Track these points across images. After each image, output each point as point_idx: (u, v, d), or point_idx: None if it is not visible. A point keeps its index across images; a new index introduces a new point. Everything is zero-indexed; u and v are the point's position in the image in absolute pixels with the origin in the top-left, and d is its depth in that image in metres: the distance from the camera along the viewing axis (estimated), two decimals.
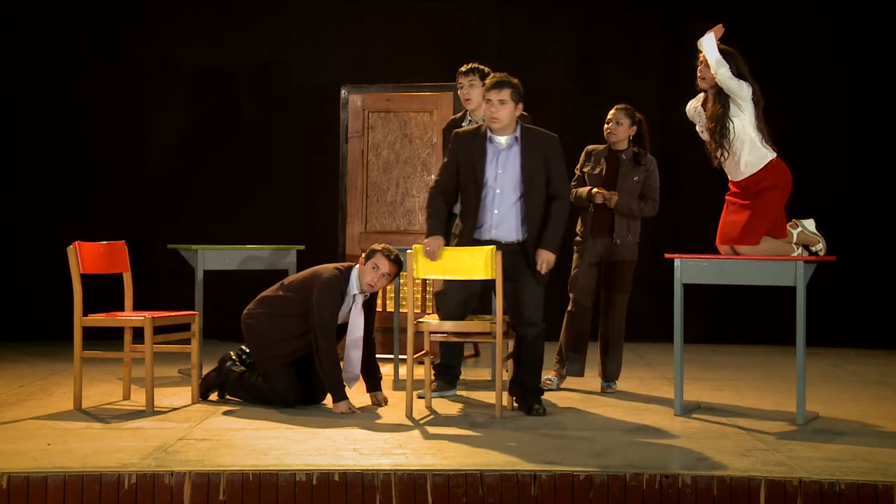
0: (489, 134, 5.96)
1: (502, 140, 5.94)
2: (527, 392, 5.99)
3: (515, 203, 5.94)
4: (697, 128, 6.08)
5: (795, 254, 5.98)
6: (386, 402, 6.21)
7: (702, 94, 6.04)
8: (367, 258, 6.04)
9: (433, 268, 5.94)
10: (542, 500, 4.46)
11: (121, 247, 6.44)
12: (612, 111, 6.82)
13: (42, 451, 4.84)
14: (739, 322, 9.75)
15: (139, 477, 4.45)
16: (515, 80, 5.93)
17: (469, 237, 5.98)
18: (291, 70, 9.87)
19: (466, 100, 6.72)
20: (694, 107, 6.07)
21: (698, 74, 5.97)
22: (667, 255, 6.00)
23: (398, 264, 6.05)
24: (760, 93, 5.93)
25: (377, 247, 6.06)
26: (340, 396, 5.94)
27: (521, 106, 5.92)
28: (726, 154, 5.88)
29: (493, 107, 5.87)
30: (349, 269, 6.11)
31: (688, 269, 5.91)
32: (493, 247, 5.82)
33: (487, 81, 5.97)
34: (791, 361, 6.16)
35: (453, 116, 6.96)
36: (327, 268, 6.13)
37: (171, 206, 9.84)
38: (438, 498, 4.46)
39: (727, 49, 5.91)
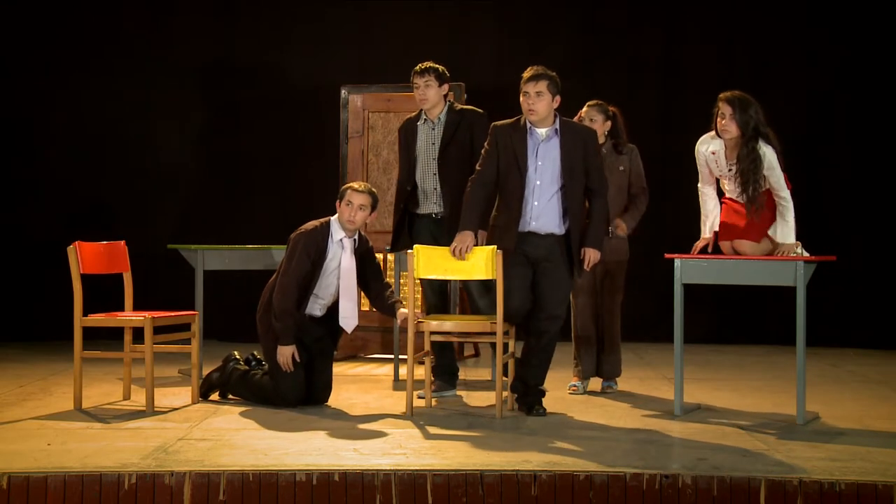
0: (528, 126, 5.96)
1: (542, 132, 5.94)
2: (529, 390, 5.98)
3: (555, 195, 5.92)
4: (714, 170, 6.04)
5: (795, 254, 5.98)
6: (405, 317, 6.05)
7: (717, 139, 5.99)
8: (340, 199, 6.14)
9: (433, 268, 5.94)
10: (542, 500, 4.46)
11: (121, 247, 6.44)
12: (583, 109, 6.74)
13: (42, 451, 4.84)
14: (739, 322, 9.75)
15: (139, 477, 4.45)
16: (553, 73, 5.96)
17: (510, 228, 5.92)
18: (291, 70, 9.87)
19: (422, 99, 6.60)
20: (712, 151, 6.02)
21: (719, 124, 5.93)
22: (667, 255, 6.00)
23: (370, 194, 6.13)
24: (777, 138, 5.93)
25: (346, 185, 6.19)
26: (287, 342, 5.99)
27: (558, 98, 5.93)
28: (756, 206, 5.91)
29: (530, 98, 5.89)
30: (328, 219, 6.20)
31: (688, 269, 5.91)
32: (493, 247, 5.83)
33: (525, 74, 5.94)
34: (791, 361, 6.15)
35: (409, 116, 6.83)
36: (308, 223, 6.21)
37: (171, 206, 9.84)
38: (438, 498, 4.46)
39: (746, 97, 5.89)
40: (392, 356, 7.59)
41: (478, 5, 9.92)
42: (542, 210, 5.91)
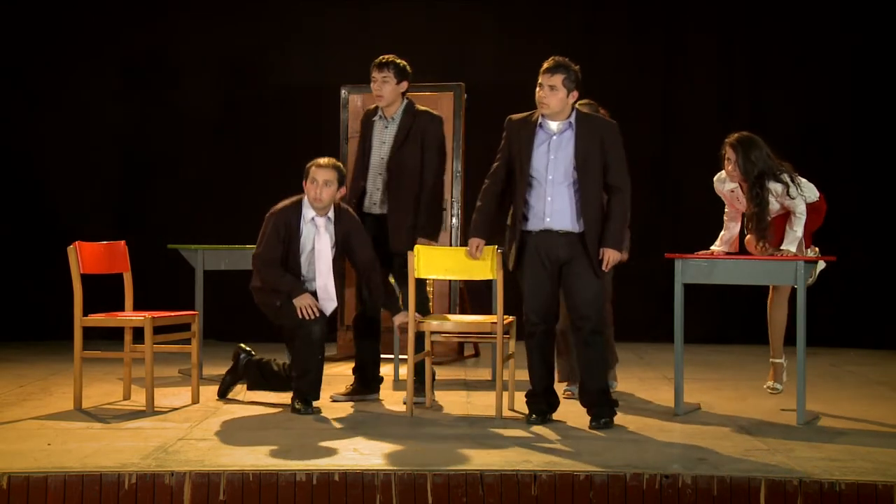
0: (540, 119, 5.66)
1: (554, 126, 5.59)
2: (594, 399, 5.64)
3: (570, 191, 5.59)
4: (739, 206, 6.10)
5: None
6: (404, 327, 5.97)
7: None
8: (305, 177, 5.92)
9: (433, 268, 5.94)
10: (542, 500, 4.46)
11: (121, 247, 6.44)
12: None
13: (42, 451, 4.84)
14: (739, 322, 9.74)
15: (139, 477, 4.45)
16: (573, 66, 5.62)
17: (520, 227, 5.66)
18: (291, 70, 9.87)
19: (378, 95, 6.27)
20: (730, 189, 6.08)
21: (726, 167, 5.99)
22: (667, 255, 6.00)
23: (335, 168, 5.89)
24: (791, 168, 5.98)
25: (310, 162, 5.95)
26: (298, 293, 5.83)
27: (574, 94, 5.57)
28: (766, 241, 5.97)
29: (543, 91, 5.57)
30: (301, 197, 5.99)
31: (688, 269, 5.91)
32: (493, 247, 5.81)
33: (545, 64, 5.61)
34: (791, 361, 6.15)
35: (367, 109, 6.54)
36: (282, 202, 6.04)
37: (172, 206, 9.84)
38: (438, 498, 4.46)
39: (751, 141, 5.92)
40: (392, 356, 7.59)
41: (478, 5, 9.92)
42: (558, 206, 5.59)
